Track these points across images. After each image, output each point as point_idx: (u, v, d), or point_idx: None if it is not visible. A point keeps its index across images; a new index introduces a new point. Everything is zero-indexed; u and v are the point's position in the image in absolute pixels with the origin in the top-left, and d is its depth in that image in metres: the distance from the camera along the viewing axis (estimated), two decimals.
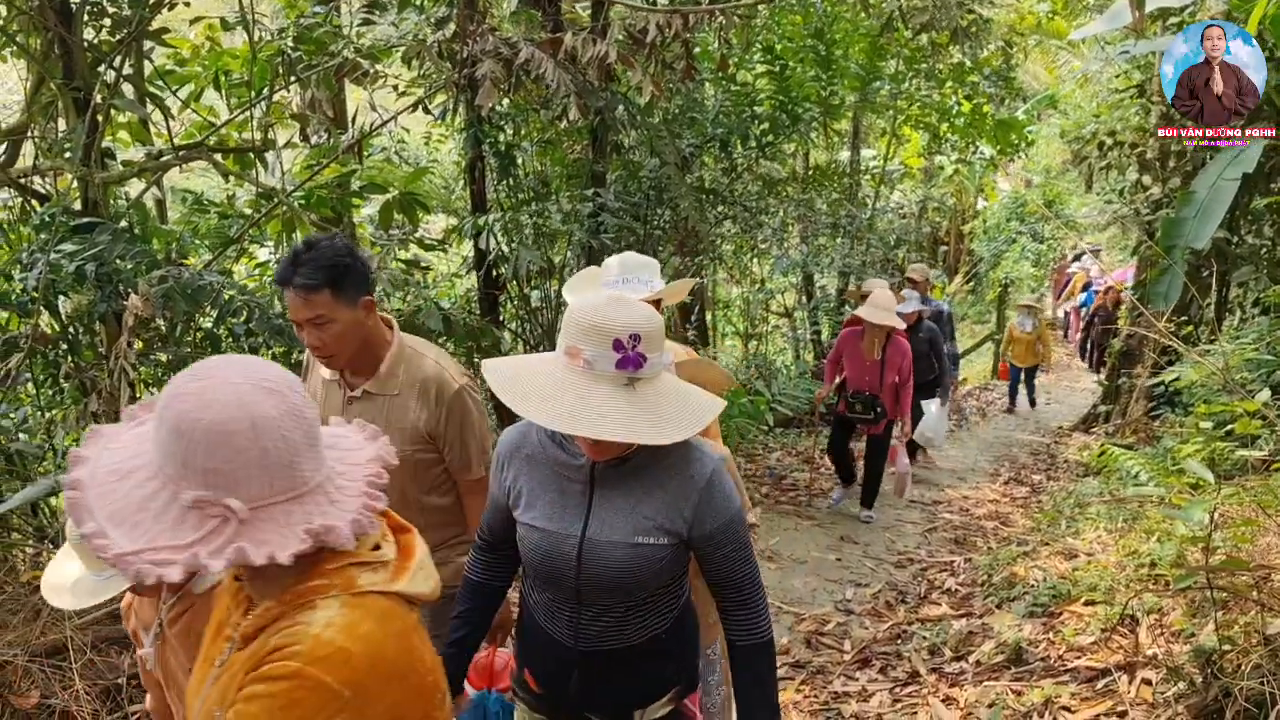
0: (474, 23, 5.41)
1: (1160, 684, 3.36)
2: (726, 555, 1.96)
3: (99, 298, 4.00)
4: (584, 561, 1.93)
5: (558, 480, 1.99)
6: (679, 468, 1.94)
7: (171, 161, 4.94)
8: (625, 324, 1.76)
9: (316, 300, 2.34)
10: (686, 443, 1.94)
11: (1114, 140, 10.14)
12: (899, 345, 6.53)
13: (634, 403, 1.76)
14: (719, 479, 1.95)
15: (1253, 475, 4.99)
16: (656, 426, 1.75)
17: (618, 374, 1.77)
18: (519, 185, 6.77)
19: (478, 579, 2.25)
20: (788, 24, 9.10)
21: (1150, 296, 6.90)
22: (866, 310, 6.29)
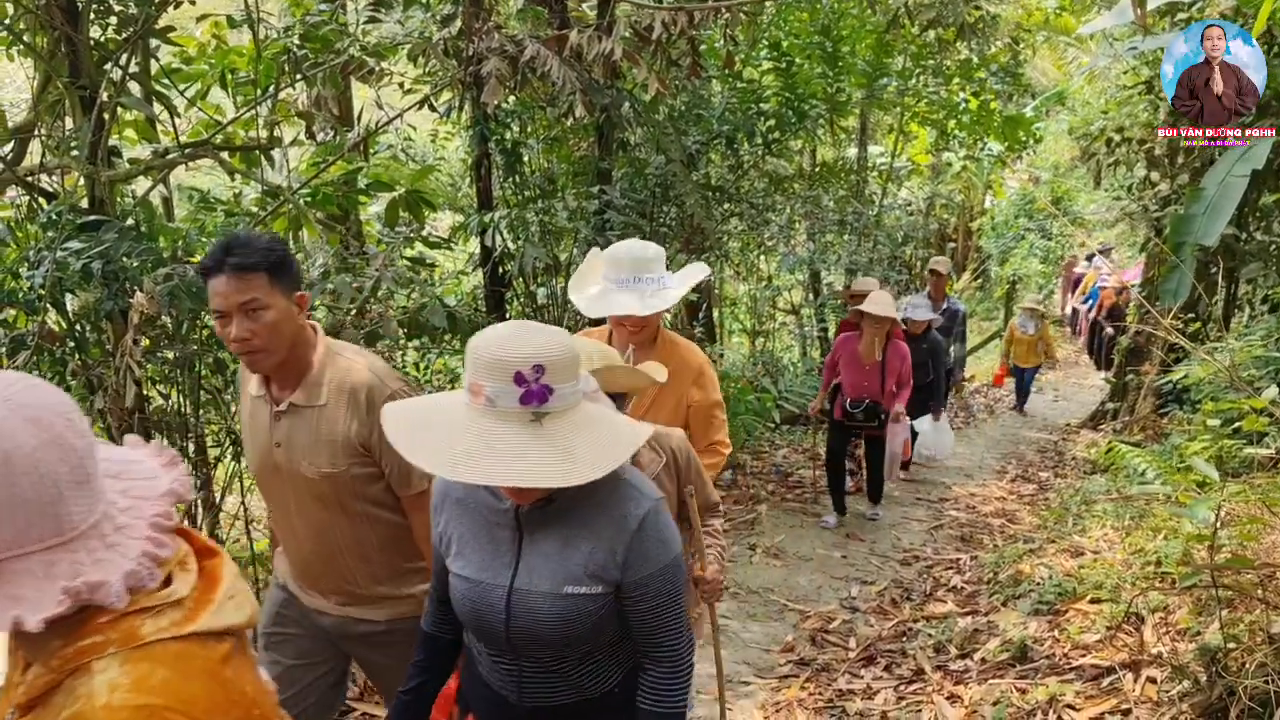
0: (479, 20, 5.41)
1: (1165, 682, 3.35)
2: (654, 607, 1.81)
3: (105, 295, 4.01)
4: (512, 614, 1.78)
5: (488, 527, 1.85)
6: (610, 507, 1.79)
7: (178, 159, 4.95)
8: (526, 354, 1.60)
9: (253, 282, 2.18)
10: (619, 479, 1.80)
11: (1122, 137, 10.10)
12: (898, 348, 6.34)
13: (543, 440, 1.60)
14: (655, 521, 1.79)
15: (1260, 473, 4.98)
16: (566, 466, 1.59)
17: (522, 410, 1.61)
18: (525, 182, 6.77)
19: (429, 630, 2.08)
20: (794, 20, 9.08)
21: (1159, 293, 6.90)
22: (869, 303, 6.15)
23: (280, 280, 2.23)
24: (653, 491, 1.84)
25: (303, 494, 2.38)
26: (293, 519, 2.45)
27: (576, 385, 1.70)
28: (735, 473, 7.84)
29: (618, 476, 1.79)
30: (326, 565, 2.46)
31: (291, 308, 2.27)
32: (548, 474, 1.58)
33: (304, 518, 2.42)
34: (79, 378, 4.29)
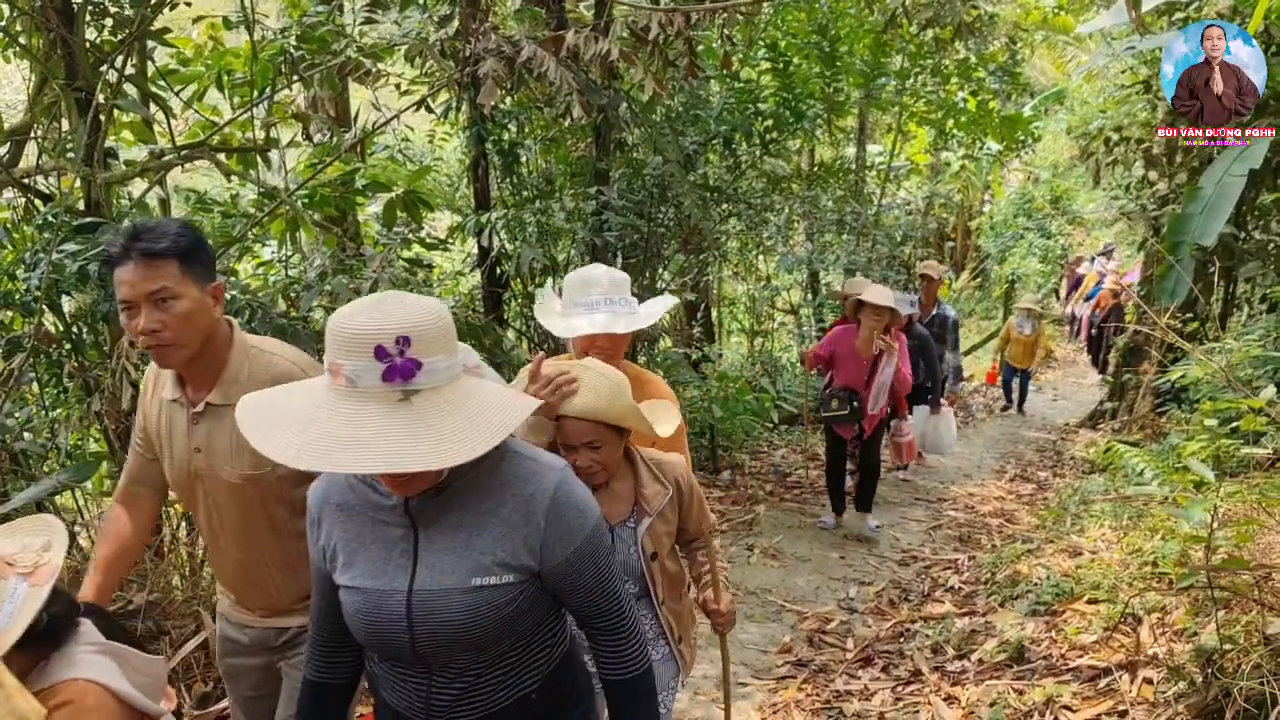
0: (476, 21, 5.41)
1: (1161, 683, 3.35)
2: (589, 584, 1.69)
3: (102, 297, 4.00)
4: (415, 619, 1.61)
5: (376, 528, 1.66)
6: (513, 487, 1.63)
7: (174, 161, 4.95)
8: (388, 326, 1.44)
9: (162, 270, 2.02)
10: (517, 455, 1.67)
11: (1120, 136, 10.10)
12: (898, 341, 6.18)
13: (410, 421, 1.44)
14: (566, 493, 1.65)
15: (1258, 472, 4.98)
16: (441, 448, 1.43)
17: (386, 388, 1.44)
18: (522, 183, 6.78)
19: (313, 678, 1.84)
20: (791, 20, 9.07)
21: (1156, 293, 6.90)
22: (869, 293, 5.94)
23: (192, 268, 2.08)
24: (555, 461, 1.71)
25: (225, 502, 2.26)
26: (217, 530, 2.33)
27: (452, 359, 1.54)
28: (734, 473, 7.84)
29: (515, 453, 1.67)
30: (252, 577, 2.35)
31: (205, 299, 2.12)
32: (416, 456, 1.41)
33: (228, 528, 2.30)
34: (76, 379, 4.29)
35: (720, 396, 7.74)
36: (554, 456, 1.74)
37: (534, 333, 7.32)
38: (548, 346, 7.18)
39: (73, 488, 4.18)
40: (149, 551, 3.90)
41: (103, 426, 4.39)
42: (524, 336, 7.38)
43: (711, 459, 7.97)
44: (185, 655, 3.58)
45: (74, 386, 4.37)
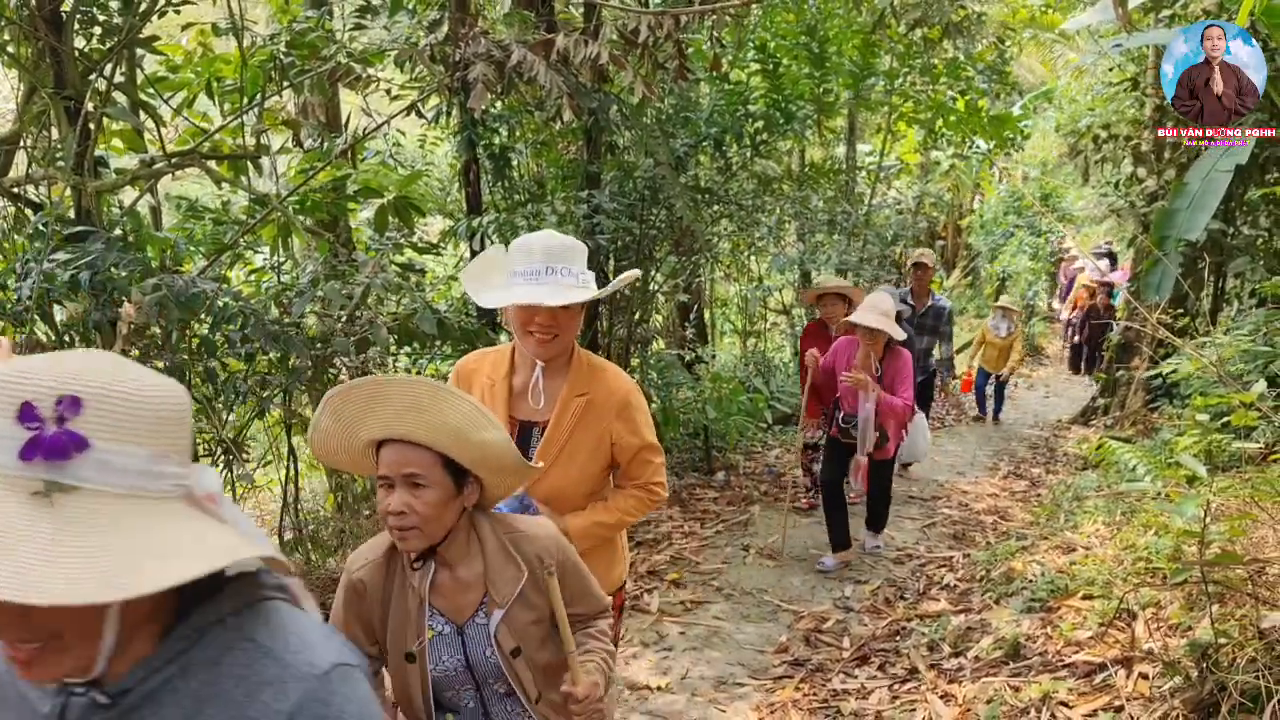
0: (466, 26, 5.41)
1: (1157, 678, 3.37)
2: None
3: (93, 306, 4.00)
4: None
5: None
6: (235, 699, 1.04)
7: (164, 169, 4.95)
8: (48, 379, 0.94)
9: None
10: (257, 650, 1.07)
11: (1109, 133, 10.17)
12: (898, 359, 5.63)
13: (49, 529, 0.90)
14: (315, 710, 1.05)
15: (1249, 467, 5.00)
16: (73, 574, 0.88)
17: (22, 470, 0.92)
18: (514, 187, 6.78)
19: None
20: (780, 22, 9.10)
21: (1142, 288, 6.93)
22: (859, 314, 5.54)
23: None
24: (315, 662, 1.08)
25: None
26: None
27: (155, 462, 1.00)
28: (729, 474, 7.85)
29: (257, 646, 1.07)
30: None
31: None
32: (47, 585, 0.86)
33: None
34: None
35: (714, 397, 7.75)
36: (320, 652, 1.10)
37: None
38: None
39: None
40: None
41: None
42: None
43: (706, 460, 7.98)
44: None
45: None
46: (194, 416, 4.35)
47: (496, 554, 1.92)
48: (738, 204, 8.16)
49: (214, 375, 4.48)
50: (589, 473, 2.55)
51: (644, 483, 2.62)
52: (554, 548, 1.99)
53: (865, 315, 5.45)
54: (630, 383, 2.63)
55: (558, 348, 2.49)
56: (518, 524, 2.00)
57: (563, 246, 2.40)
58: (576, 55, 5.31)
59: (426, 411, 1.72)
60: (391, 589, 1.94)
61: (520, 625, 1.93)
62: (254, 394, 4.72)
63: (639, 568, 5.67)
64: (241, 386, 4.62)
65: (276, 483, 5.70)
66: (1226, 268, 8.63)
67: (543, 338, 2.44)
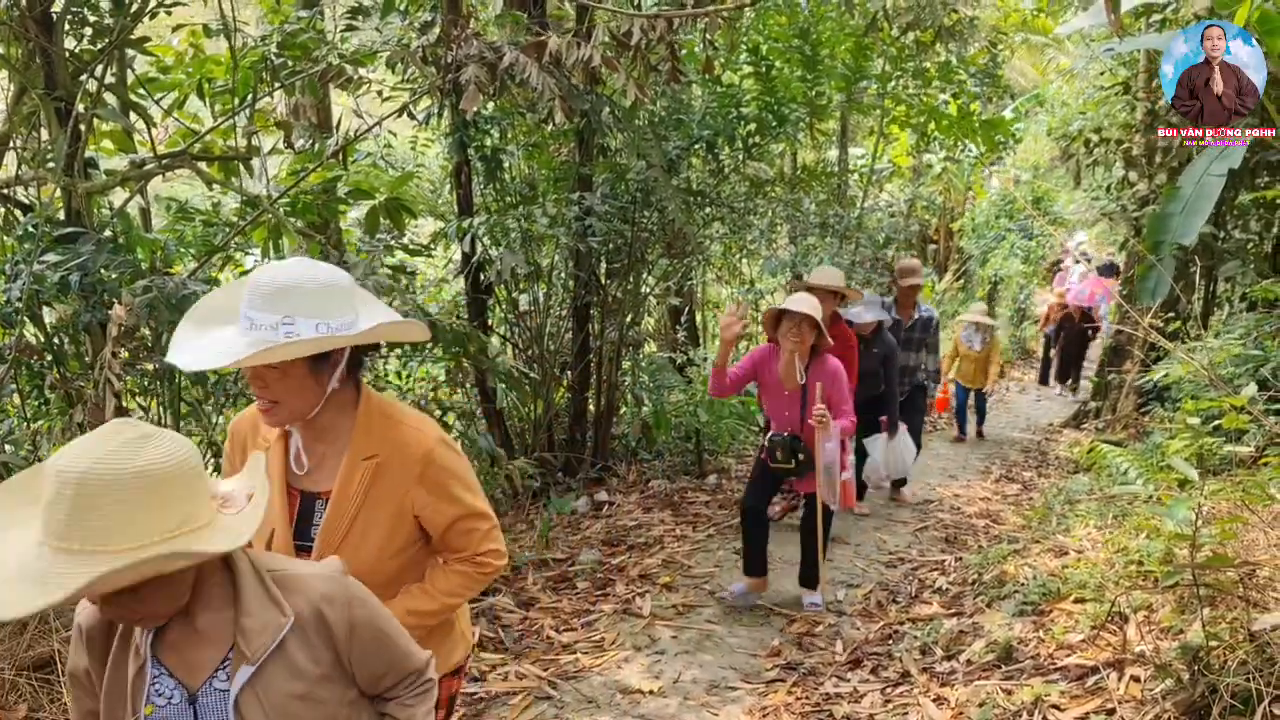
0: (458, 27, 5.40)
1: (1148, 681, 3.37)
2: None
3: (83, 308, 3.99)
4: None
5: None
6: None
7: (155, 170, 4.93)
8: None
9: None
10: None
11: (1100, 137, 10.21)
12: (826, 368, 4.89)
13: None
14: None
15: (1240, 470, 5.01)
16: None
17: None
18: (505, 189, 6.77)
19: None
20: (773, 24, 9.10)
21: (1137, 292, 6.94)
22: (790, 299, 4.89)
23: None
24: None
25: None
26: None
27: None
28: (720, 477, 7.85)
29: None
30: None
31: None
32: None
33: None
34: (58, 391, 4.26)
35: (706, 400, 7.75)
36: None
37: (518, 339, 7.31)
38: (532, 353, 7.19)
39: None
40: None
41: None
42: (508, 342, 7.37)
43: (698, 463, 7.98)
44: None
45: (56, 398, 4.34)
46: (184, 419, 4.33)
47: (254, 596, 1.52)
48: (730, 206, 8.17)
49: (204, 377, 4.46)
50: (390, 550, 2.10)
51: (469, 555, 2.16)
52: (340, 596, 1.59)
53: (800, 300, 4.81)
54: (433, 435, 2.11)
55: (283, 415, 1.99)
56: (288, 564, 1.63)
57: (276, 287, 1.87)
58: (569, 57, 5.31)
59: None
60: (111, 642, 1.56)
61: (277, 697, 1.51)
62: (244, 396, 4.71)
63: (630, 571, 5.67)
64: (232, 388, 4.61)
65: None
66: (1218, 271, 8.67)
67: (260, 405, 2.00)
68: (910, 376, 7.46)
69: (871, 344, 6.64)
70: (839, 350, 5.34)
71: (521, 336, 7.24)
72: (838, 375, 4.91)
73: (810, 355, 4.92)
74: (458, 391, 6.60)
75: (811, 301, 4.80)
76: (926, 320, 7.62)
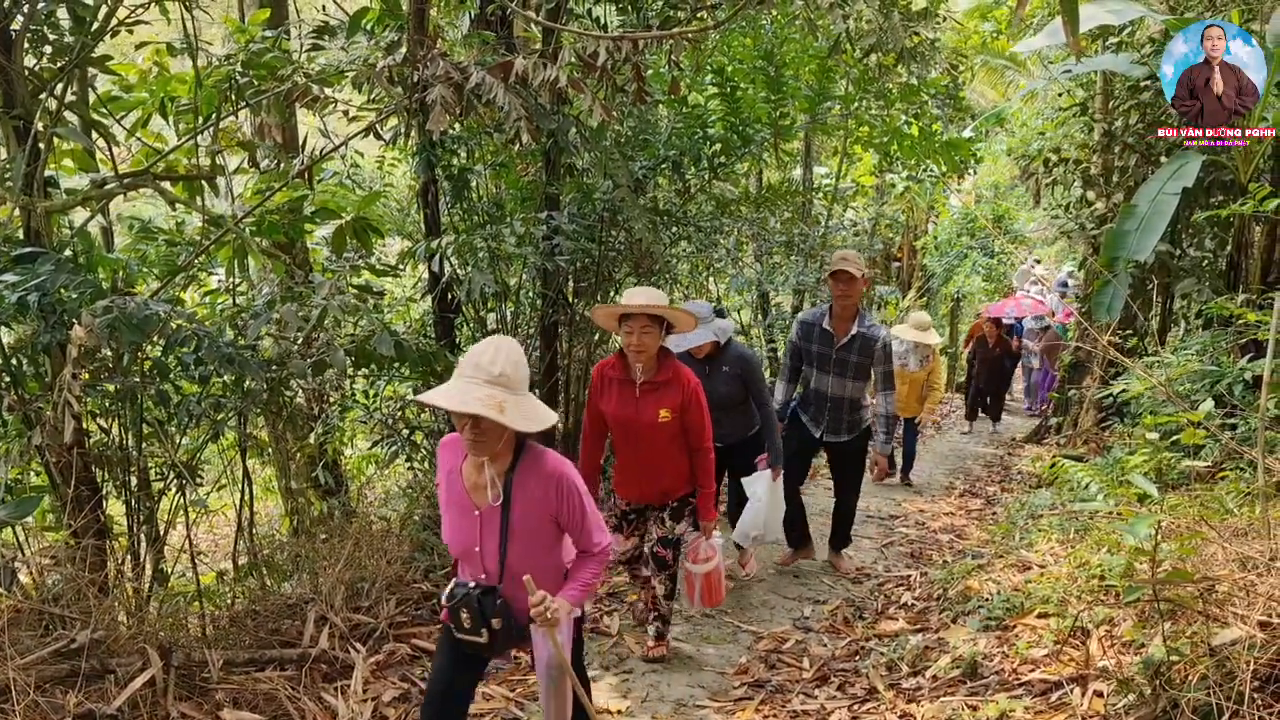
0: (424, 47, 5.41)
1: (1111, 695, 3.41)
2: None
3: (43, 329, 3.93)
4: None
5: None
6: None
7: (116, 190, 4.88)
8: None
9: None
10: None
11: (1059, 157, 10.37)
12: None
13: None
14: None
15: (1199, 484, 5.10)
16: None
17: None
18: (473, 208, 6.76)
19: None
20: (738, 46, 9.19)
21: (1094, 308, 7.06)
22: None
23: None
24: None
25: None
26: None
27: None
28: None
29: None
30: None
31: None
32: None
33: None
34: (16, 413, 4.20)
35: None
36: None
37: None
38: None
39: (13, 524, 4.08)
40: (93, 588, 3.82)
41: (44, 460, 4.30)
42: None
43: None
44: (131, 694, 3.50)
45: (14, 420, 4.28)
46: (146, 440, 4.28)
47: None
48: (696, 225, 8.20)
49: (167, 398, 4.41)
50: None
51: None
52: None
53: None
54: None
55: None
56: None
57: None
58: (535, 78, 5.32)
59: None
60: None
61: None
62: (208, 417, 4.66)
63: (598, 589, 5.65)
64: (195, 409, 4.56)
65: (231, 506, 5.62)
66: (1174, 288, 8.82)
67: None
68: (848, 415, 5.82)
69: (717, 363, 5.26)
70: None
71: None
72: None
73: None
74: (426, 410, 6.57)
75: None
76: (868, 339, 5.60)
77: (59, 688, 3.45)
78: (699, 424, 4.31)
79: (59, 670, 3.49)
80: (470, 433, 2.69)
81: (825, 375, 5.73)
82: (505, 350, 2.72)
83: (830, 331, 5.65)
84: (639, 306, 4.06)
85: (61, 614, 3.76)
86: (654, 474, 4.47)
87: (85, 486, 4.22)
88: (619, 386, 4.31)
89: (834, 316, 5.65)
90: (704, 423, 4.33)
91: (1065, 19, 4.06)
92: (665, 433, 4.29)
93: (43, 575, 4.09)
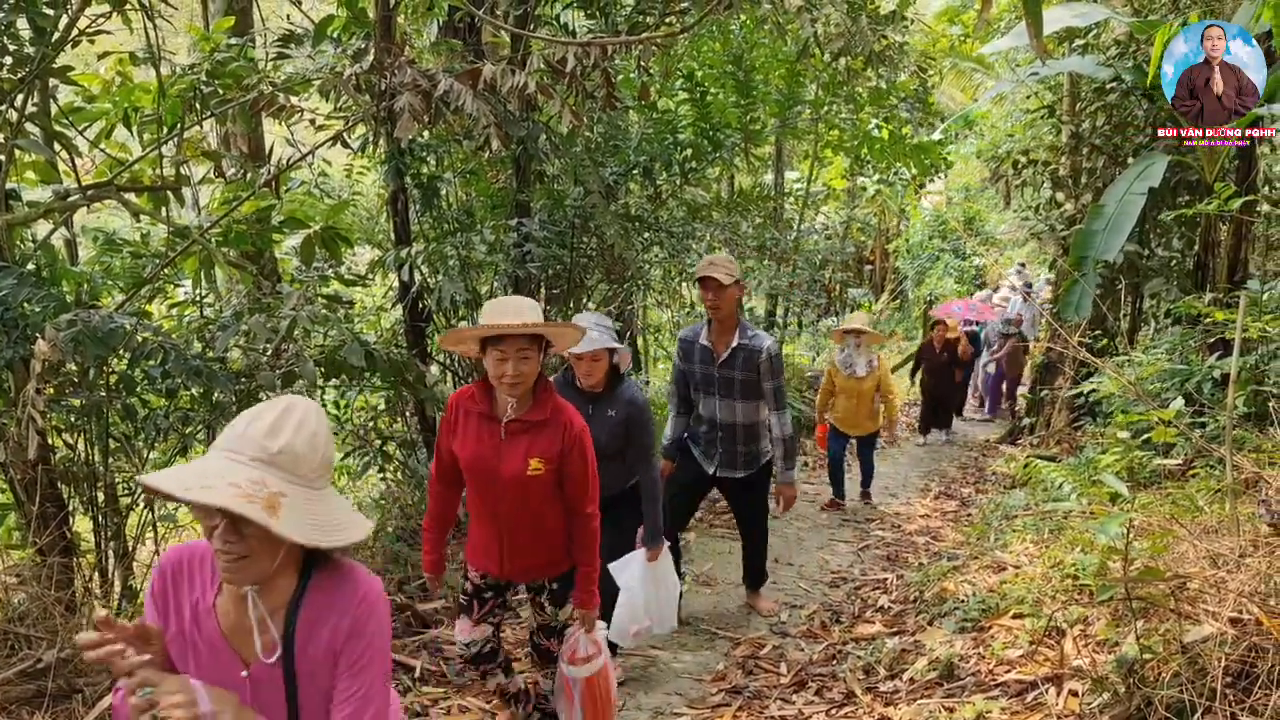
0: (391, 55, 5.37)
1: (1086, 695, 3.42)
2: None
3: (5, 344, 3.87)
4: None
5: None
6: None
7: (79, 202, 4.82)
8: None
9: None
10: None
11: (1028, 159, 10.46)
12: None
13: None
14: None
15: (1170, 482, 5.14)
16: None
17: None
18: (443, 216, 6.73)
19: None
20: (707, 51, 9.21)
21: (1061, 308, 7.12)
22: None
23: None
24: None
25: None
26: None
27: None
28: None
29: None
30: None
31: None
32: None
33: None
34: None
35: None
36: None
37: (457, 367, 7.25)
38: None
39: None
40: (59, 607, 3.76)
41: (8, 477, 4.23)
42: (448, 370, 7.30)
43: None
44: (100, 713, 3.44)
45: None
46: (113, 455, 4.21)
47: None
48: (668, 231, 8.21)
49: (134, 412, 4.35)
50: None
51: None
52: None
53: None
54: None
55: None
56: None
57: None
58: (504, 84, 5.30)
59: None
60: None
61: None
62: (176, 430, 4.60)
63: None
64: (163, 423, 4.49)
65: None
66: (1143, 288, 8.91)
67: None
68: (725, 446, 5.10)
69: (602, 403, 4.08)
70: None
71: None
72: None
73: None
74: (398, 420, 6.53)
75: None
76: (751, 351, 4.87)
77: (25, 708, 3.39)
78: (580, 478, 3.22)
79: (25, 691, 3.43)
80: (223, 542, 1.67)
81: (711, 398, 5.03)
82: (298, 416, 1.76)
83: (709, 347, 4.98)
84: (516, 326, 2.97)
85: (27, 633, 3.69)
86: (519, 542, 3.30)
87: (51, 503, 4.15)
88: (478, 423, 3.21)
89: (711, 330, 5.00)
90: (587, 477, 3.25)
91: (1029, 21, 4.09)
92: (537, 488, 3.19)
93: (7, 594, 4.02)
